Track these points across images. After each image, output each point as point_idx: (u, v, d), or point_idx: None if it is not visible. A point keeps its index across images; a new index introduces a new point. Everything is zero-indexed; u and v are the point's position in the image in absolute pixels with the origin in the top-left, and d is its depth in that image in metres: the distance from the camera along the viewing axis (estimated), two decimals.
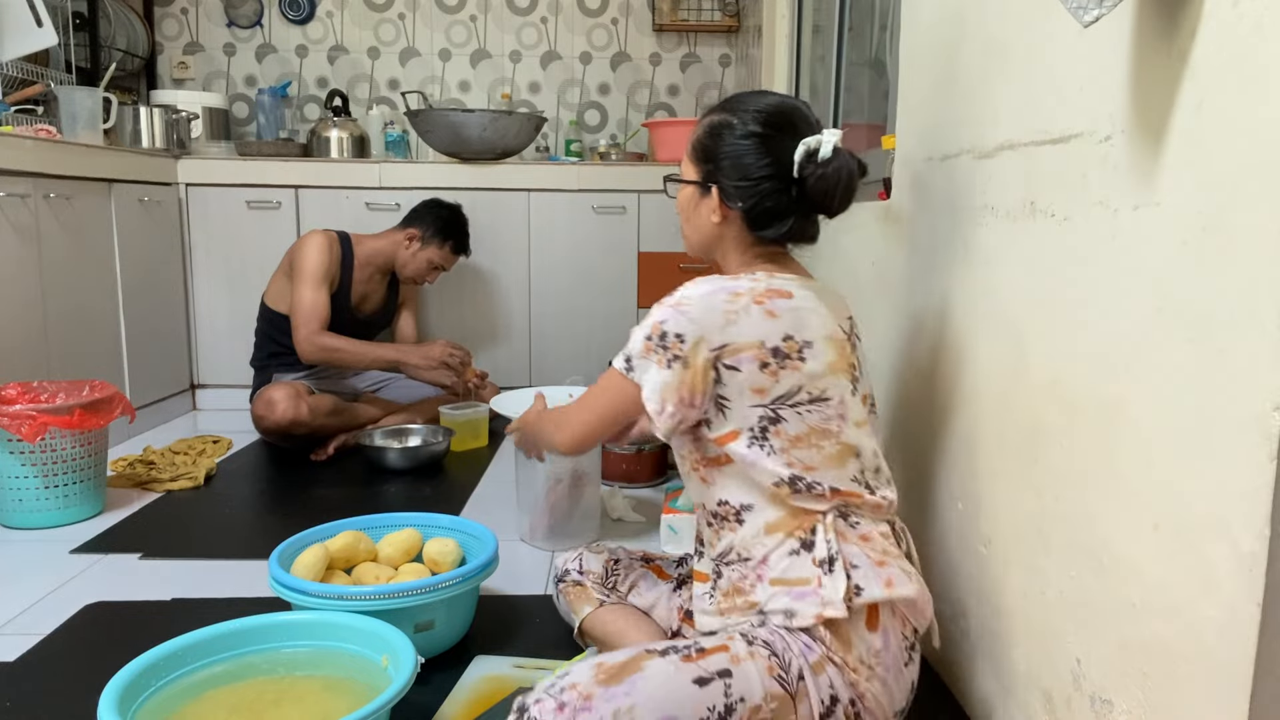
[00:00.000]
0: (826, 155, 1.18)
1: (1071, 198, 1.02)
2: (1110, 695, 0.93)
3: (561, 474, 1.96)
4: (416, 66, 3.78)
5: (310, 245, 2.70)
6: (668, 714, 0.99)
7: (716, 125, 1.25)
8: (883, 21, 2.11)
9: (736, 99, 1.27)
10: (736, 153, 1.22)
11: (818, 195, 1.20)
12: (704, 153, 1.26)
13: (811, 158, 1.19)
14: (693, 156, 1.28)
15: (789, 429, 1.15)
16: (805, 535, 1.14)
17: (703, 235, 1.30)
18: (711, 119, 1.26)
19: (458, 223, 2.91)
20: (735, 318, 1.15)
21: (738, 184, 1.22)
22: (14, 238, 2.28)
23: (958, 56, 1.39)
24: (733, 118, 1.23)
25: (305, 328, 2.62)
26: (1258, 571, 0.72)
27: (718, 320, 1.14)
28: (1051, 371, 1.07)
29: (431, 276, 2.93)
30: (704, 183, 1.26)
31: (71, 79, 3.11)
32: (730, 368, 1.14)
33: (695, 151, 1.28)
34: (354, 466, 2.58)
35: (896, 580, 1.12)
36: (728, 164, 1.23)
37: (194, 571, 1.83)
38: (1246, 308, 0.73)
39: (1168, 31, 0.82)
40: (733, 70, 3.82)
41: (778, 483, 1.14)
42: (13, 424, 1.94)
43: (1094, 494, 0.97)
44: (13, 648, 1.50)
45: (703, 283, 1.18)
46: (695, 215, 1.29)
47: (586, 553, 1.52)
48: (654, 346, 1.15)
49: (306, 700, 1.20)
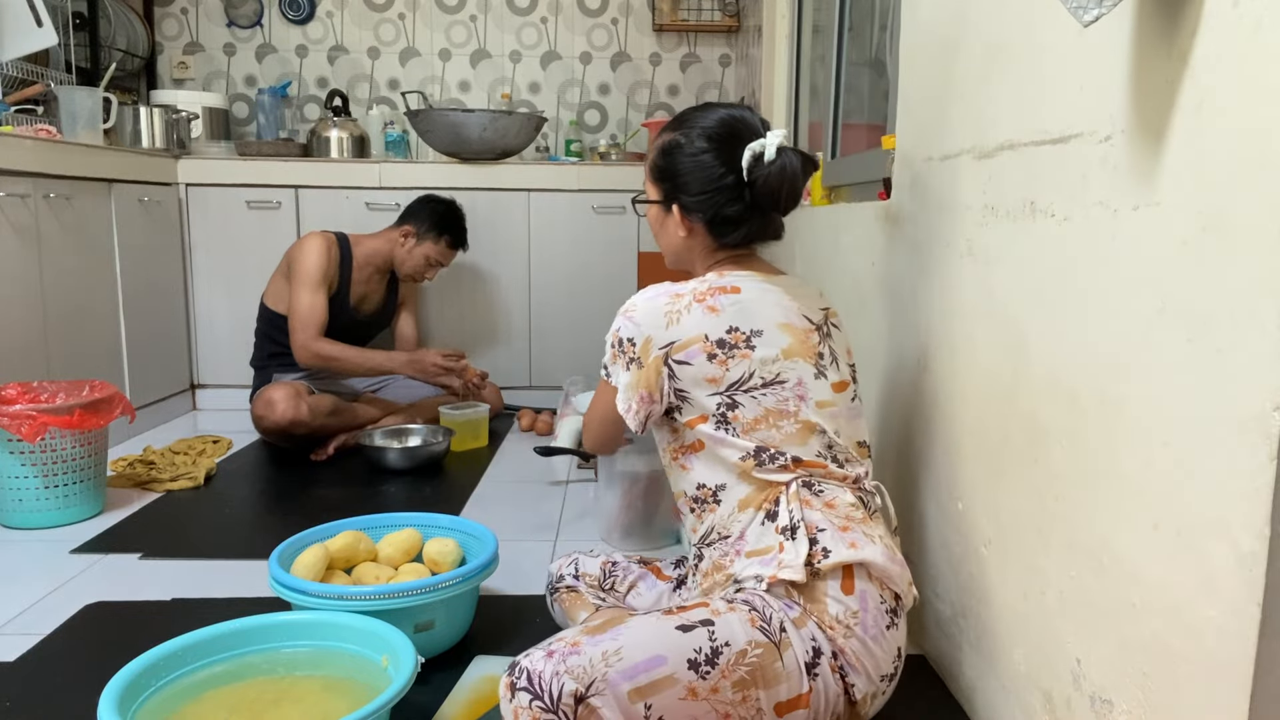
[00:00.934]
0: (771, 157, 1.24)
1: (1071, 198, 1.02)
2: (1110, 695, 0.93)
3: (640, 475, 1.95)
4: (416, 66, 3.79)
5: (308, 248, 2.70)
6: (655, 653, 1.02)
7: (668, 145, 1.32)
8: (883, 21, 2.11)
9: (683, 117, 1.33)
10: (689, 169, 1.29)
11: (765, 195, 1.26)
12: (660, 173, 1.33)
13: (758, 161, 1.25)
14: (652, 177, 1.36)
15: (745, 413, 1.21)
16: (770, 506, 1.19)
17: (673, 248, 1.38)
18: (663, 140, 1.33)
19: (453, 217, 2.89)
20: (677, 317, 1.23)
21: (695, 198, 1.30)
22: (14, 238, 2.28)
23: (958, 56, 1.39)
24: (680, 136, 1.31)
25: (302, 333, 2.63)
26: (1258, 571, 0.72)
27: (660, 321, 1.24)
28: (1051, 371, 1.07)
29: (430, 273, 2.92)
30: (664, 201, 1.34)
31: (71, 79, 3.11)
32: (680, 362, 1.22)
33: (653, 173, 1.35)
34: (354, 466, 2.58)
35: (860, 543, 1.14)
36: (683, 180, 1.30)
37: (194, 571, 1.83)
38: (1246, 308, 0.73)
39: (1168, 31, 0.82)
40: (733, 70, 3.82)
41: (744, 456, 1.21)
42: (13, 424, 1.94)
43: (1094, 494, 0.97)
44: (13, 648, 1.50)
45: (650, 289, 1.28)
46: (663, 231, 1.38)
47: (582, 557, 1.52)
48: (617, 352, 1.27)
49: (306, 700, 1.20)
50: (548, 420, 2.99)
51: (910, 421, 1.56)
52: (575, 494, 2.37)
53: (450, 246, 2.89)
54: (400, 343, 3.08)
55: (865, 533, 1.16)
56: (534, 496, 2.34)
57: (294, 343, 2.64)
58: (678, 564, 1.50)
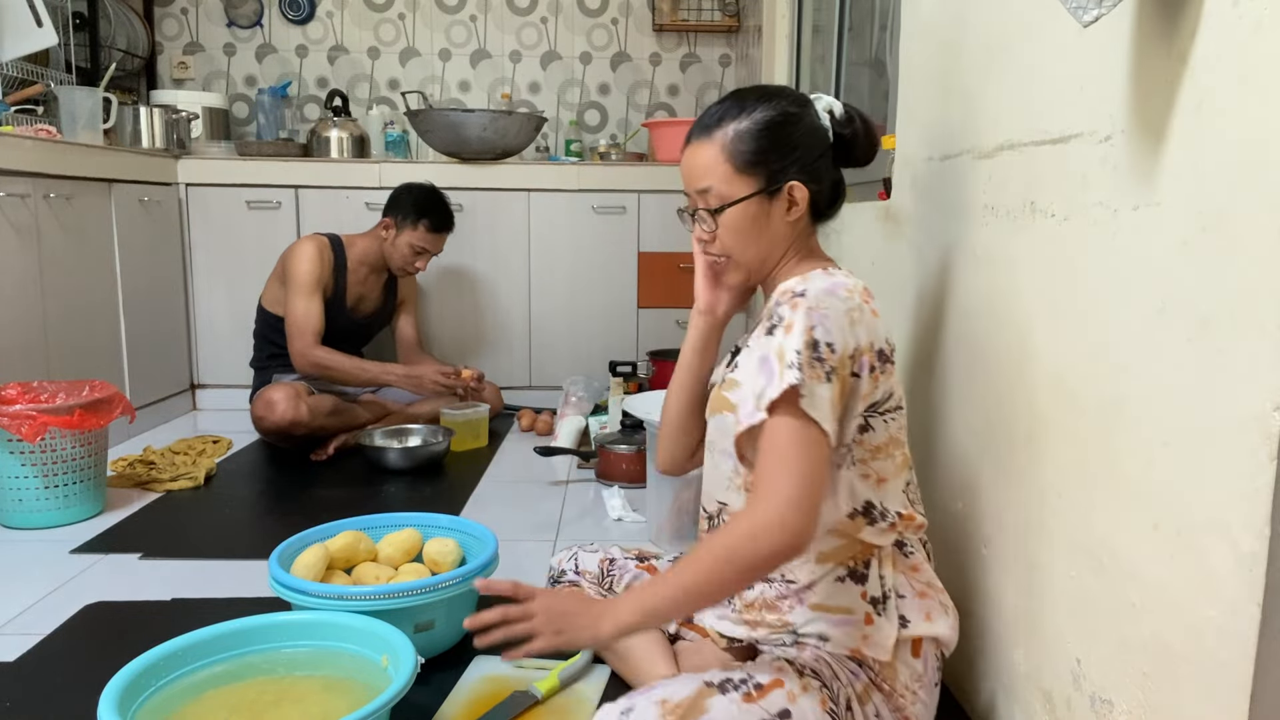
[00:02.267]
0: (843, 112, 1.19)
1: (1071, 198, 1.02)
2: (1110, 695, 0.93)
3: (691, 478, 1.94)
4: (416, 66, 3.78)
5: (301, 254, 2.69)
6: None
7: (757, 124, 1.15)
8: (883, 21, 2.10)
9: (739, 102, 1.18)
10: (802, 136, 1.16)
11: (866, 147, 1.20)
12: (759, 155, 1.15)
13: (834, 118, 1.19)
14: (743, 166, 1.15)
15: (874, 438, 1.11)
16: (857, 566, 1.13)
17: (774, 242, 1.19)
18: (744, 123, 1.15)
19: (429, 200, 2.80)
20: (858, 317, 1.07)
21: (813, 166, 1.17)
22: (14, 238, 2.28)
23: (958, 56, 1.39)
24: (768, 111, 1.15)
25: (299, 340, 2.62)
26: (1258, 571, 0.71)
27: (844, 321, 1.05)
28: (1051, 371, 1.07)
29: (419, 262, 2.83)
30: (768, 186, 1.15)
31: (71, 79, 3.11)
32: (855, 375, 1.06)
33: (747, 159, 1.15)
34: (354, 466, 2.58)
35: (934, 614, 1.14)
36: (799, 152, 1.16)
37: (194, 571, 1.83)
38: (1246, 308, 0.73)
39: (1168, 31, 0.82)
40: (733, 70, 3.82)
41: (851, 514, 1.11)
42: (13, 424, 1.94)
43: (1094, 494, 0.97)
44: (13, 648, 1.50)
45: (821, 279, 1.10)
46: (766, 228, 1.17)
47: (581, 552, 1.50)
48: (811, 359, 1.02)
49: (306, 700, 1.20)
50: (548, 420, 2.98)
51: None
52: (575, 494, 2.37)
53: (432, 230, 2.79)
54: (400, 343, 3.08)
55: (941, 602, 1.15)
56: (534, 496, 2.34)
57: (291, 350, 2.64)
58: (673, 562, 1.49)
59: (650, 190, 3.23)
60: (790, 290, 1.09)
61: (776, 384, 1.02)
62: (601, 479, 2.46)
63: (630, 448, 2.40)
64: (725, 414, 1.16)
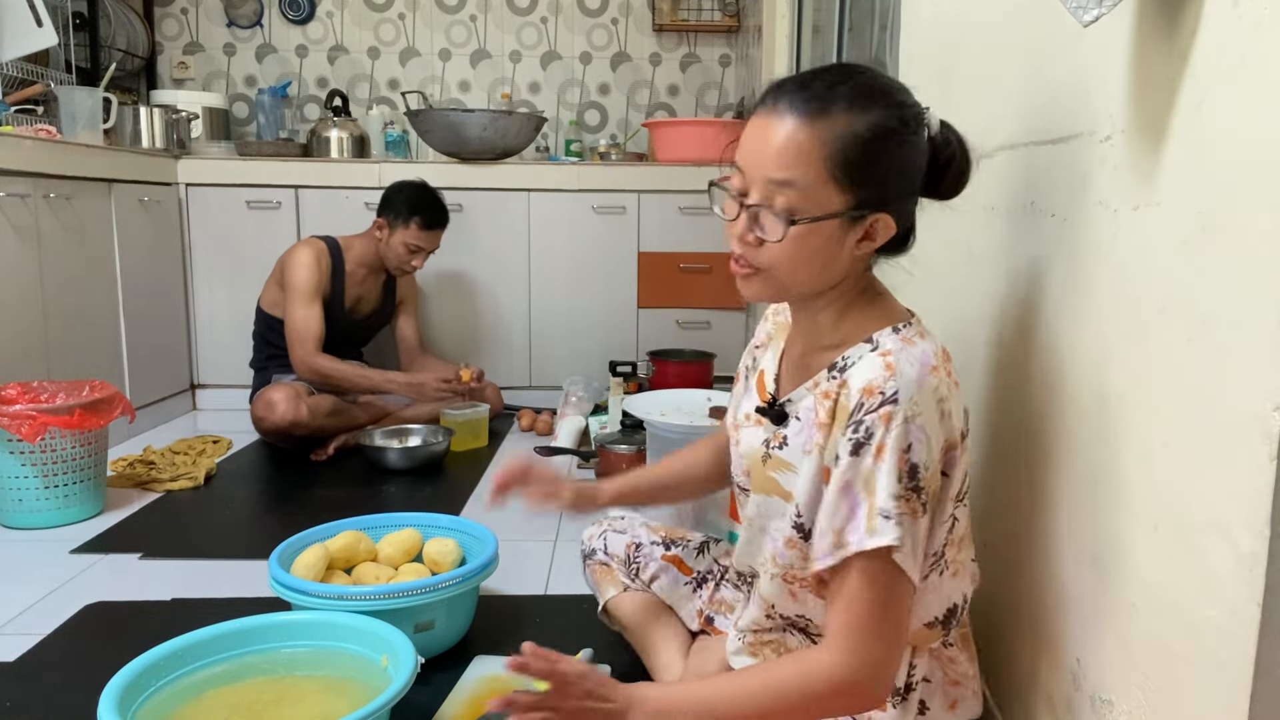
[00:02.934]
0: (938, 129, 0.96)
1: (1071, 198, 1.02)
2: (1110, 695, 0.93)
3: None
4: (416, 66, 3.79)
5: (298, 261, 2.69)
6: None
7: (878, 129, 0.90)
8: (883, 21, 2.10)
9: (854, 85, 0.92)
10: (904, 160, 0.94)
11: (952, 179, 0.98)
12: (866, 170, 0.91)
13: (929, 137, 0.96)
14: (845, 176, 0.91)
15: (959, 529, 0.96)
16: None
17: (833, 274, 0.97)
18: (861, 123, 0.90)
19: (421, 197, 2.77)
20: (946, 405, 0.89)
21: (906, 199, 0.97)
22: (14, 238, 2.28)
23: (958, 56, 1.39)
24: (889, 114, 0.91)
25: (300, 348, 2.63)
26: (1258, 571, 0.71)
27: (937, 417, 0.88)
28: (1051, 371, 1.07)
29: (416, 260, 2.81)
30: (857, 209, 0.93)
31: (71, 79, 3.11)
32: (944, 475, 0.91)
33: (854, 169, 0.91)
34: (354, 466, 2.58)
35: (961, 704, 1.08)
36: (899, 179, 0.94)
37: (194, 571, 1.83)
38: (1246, 308, 0.72)
39: (1168, 31, 0.82)
40: (733, 70, 3.82)
41: (930, 624, 0.99)
42: (13, 424, 1.94)
43: (1094, 493, 0.97)
44: (13, 648, 1.50)
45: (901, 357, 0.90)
46: (833, 255, 0.95)
47: (611, 533, 1.48)
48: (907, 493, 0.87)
49: (306, 700, 1.20)
50: (548, 420, 2.98)
51: None
52: None
53: (425, 227, 2.76)
54: (401, 344, 3.08)
55: (974, 691, 1.09)
56: None
57: (292, 358, 2.65)
58: (700, 550, 1.43)
59: (650, 190, 3.23)
60: (878, 391, 0.89)
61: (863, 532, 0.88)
62: (602, 479, 2.45)
63: (630, 448, 2.39)
64: (774, 497, 1.04)
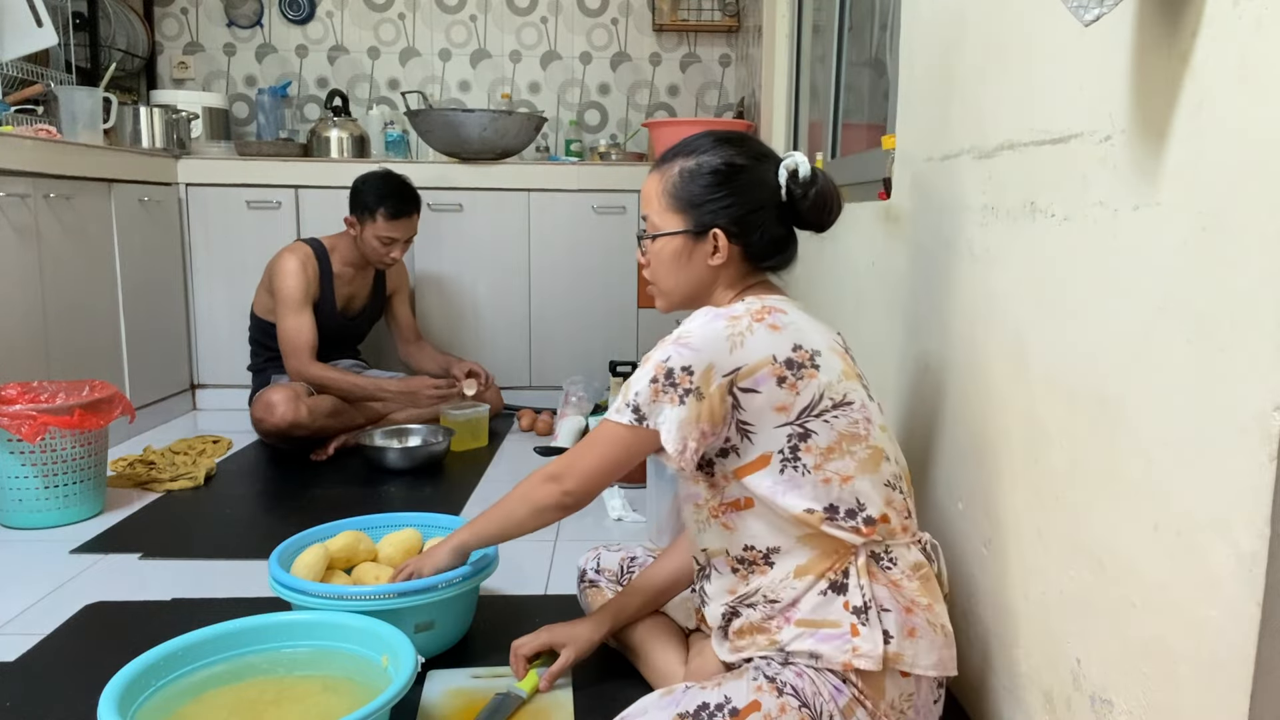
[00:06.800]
0: (807, 174, 1.21)
1: (1071, 198, 1.02)
2: (1110, 695, 0.93)
3: None
4: (416, 66, 3.78)
5: (285, 271, 2.67)
6: None
7: (699, 168, 1.22)
8: (883, 21, 2.10)
9: (695, 142, 1.25)
10: (743, 188, 1.21)
11: (814, 214, 1.22)
12: (690, 197, 1.22)
13: (794, 179, 1.21)
14: (675, 205, 1.24)
15: (819, 440, 1.13)
16: (836, 577, 1.12)
17: (695, 282, 1.26)
18: (689, 163, 1.23)
19: (383, 187, 2.68)
20: (740, 339, 1.13)
21: (745, 219, 1.21)
22: (14, 238, 2.28)
23: (958, 56, 1.39)
24: (712, 157, 1.22)
25: (294, 359, 2.62)
26: (1258, 571, 0.71)
27: (723, 346, 1.12)
28: (1051, 371, 1.07)
29: (394, 251, 2.75)
30: (696, 228, 1.23)
31: (71, 79, 3.11)
32: (747, 390, 1.12)
33: (679, 199, 1.23)
34: (354, 466, 2.58)
35: (920, 631, 1.10)
36: (732, 202, 1.21)
37: (194, 571, 1.83)
38: (1246, 308, 0.72)
39: (1168, 31, 0.82)
40: (733, 70, 3.82)
41: (809, 509, 1.11)
42: (13, 424, 1.94)
43: (1094, 494, 0.97)
44: (13, 648, 1.50)
45: (701, 314, 1.17)
46: (686, 264, 1.25)
47: (604, 551, 1.53)
48: (662, 387, 1.12)
49: (306, 700, 1.20)
50: (548, 420, 2.99)
51: (910, 422, 1.56)
52: None
53: (392, 217, 2.67)
54: (398, 330, 3.06)
55: (929, 621, 1.12)
56: None
57: (287, 368, 2.65)
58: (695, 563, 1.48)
59: None
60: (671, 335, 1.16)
61: (615, 407, 1.16)
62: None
63: None
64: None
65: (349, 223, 2.75)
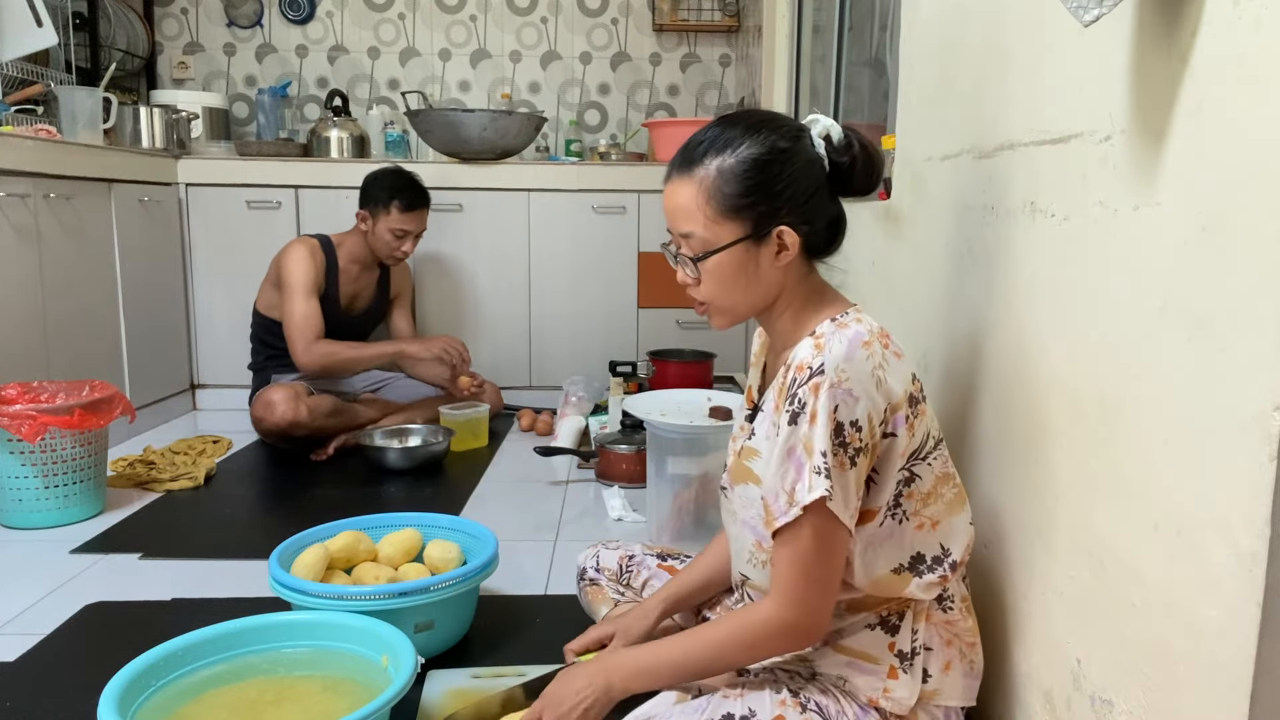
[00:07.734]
0: (841, 137, 1.07)
1: (1071, 198, 1.02)
2: (1110, 695, 0.93)
3: (691, 478, 1.94)
4: (416, 66, 3.79)
5: (293, 258, 2.68)
6: None
7: (742, 162, 1.05)
8: (883, 21, 2.10)
9: (724, 134, 1.07)
10: (795, 175, 1.05)
11: (864, 177, 1.08)
12: (743, 198, 1.05)
13: (830, 145, 1.07)
14: (726, 211, 1.05)
15: (922, 486, 1.04)
16: (890, 616, 1.08)
17: (764, 292, 1.10)
18: (728, 160, 1.05)
19: (397, 181, 2.74)
20: (882, 374, 0.99)
21: (804, 206, 1.06)
22: (14, 238, 2.28)
23: (958, 56, 1.39)
24: (753, 148, 1.05)
25: (301, 341, 2.62)
26: (1258, 571, 0.71)
27: (871, 384, 0.98)
28: (1051, 371, 1.07)
29: (405, 245, 2.78)
30: (757, 230, 1.06)
31: (71, 79, 3.11)
32: (889, 435, 1.00)
33: (729, 203, 1.05)
34: (354, 466, 2.58)
35: (954, 664, 1.09)
36: (789, 192, 1.05)
37: (194, 571, 1.83)
38: (1246, 308, 0.72)
39: (1168, 32, 0.82)
40: (733, 70, 3.82)
41: (896, 569, 1.04)
42: (13, 424, 1.94)
43: (1094, 494, 0.97)
44: (13, 648, 1.50)
45: (841, 340, 1.00)
46: (754, 275, 1.08)
47: (603, 550, 1.50)
48: (837, 446, 0.96)
49: (306, 700, 1.20)
50: (548, 420, 2.99)
51: None
52: (575, 494, 2.37)
53: (406, 209, 2.72)
54: (395, 337, 3.07)
55: (972, 661, 1.10)
56: (534, 496, 2.34)
57: (294, 352, 2.64)
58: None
59: (650, 190, 3.23)
60: (807, 366, 0.99)
61: (805, 485, 0.98)
62: (601, 479, 2.46)
63: (630, 448, 2.40)
64: (749, 485, 1.10)
65: (360, 217, 2.77)
